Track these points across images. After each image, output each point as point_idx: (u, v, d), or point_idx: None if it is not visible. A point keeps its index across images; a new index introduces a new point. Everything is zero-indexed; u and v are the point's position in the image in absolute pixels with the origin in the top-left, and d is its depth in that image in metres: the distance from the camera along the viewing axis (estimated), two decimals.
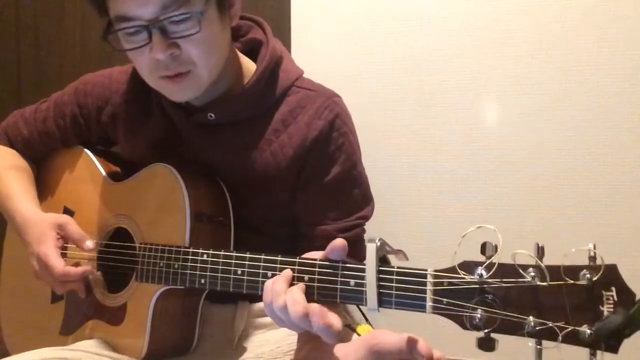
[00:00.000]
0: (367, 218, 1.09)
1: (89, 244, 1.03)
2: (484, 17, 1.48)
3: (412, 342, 0.75)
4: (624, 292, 0.60)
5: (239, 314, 1.06)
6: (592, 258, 0.62)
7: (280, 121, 1.04)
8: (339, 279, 0.76)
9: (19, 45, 2.07)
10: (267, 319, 1.05)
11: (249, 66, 1.05)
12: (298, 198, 1.05)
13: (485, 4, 1.48)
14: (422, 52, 1.52)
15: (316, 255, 0.80)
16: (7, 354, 1.20)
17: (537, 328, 0.62)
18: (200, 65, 0.93)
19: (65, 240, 1.04)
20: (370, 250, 0.72)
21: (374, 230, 1.14)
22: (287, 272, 0.79)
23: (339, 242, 0.77)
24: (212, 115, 1.02)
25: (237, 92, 1.02)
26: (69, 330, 1.10)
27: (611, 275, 0.61)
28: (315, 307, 0.74)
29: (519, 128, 1.48)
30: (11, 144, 1.20)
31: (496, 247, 0.66)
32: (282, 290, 0.77)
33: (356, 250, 1.08)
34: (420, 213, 1.55)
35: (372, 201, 1.10)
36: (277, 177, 1.03)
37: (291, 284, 0.78)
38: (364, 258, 1.10)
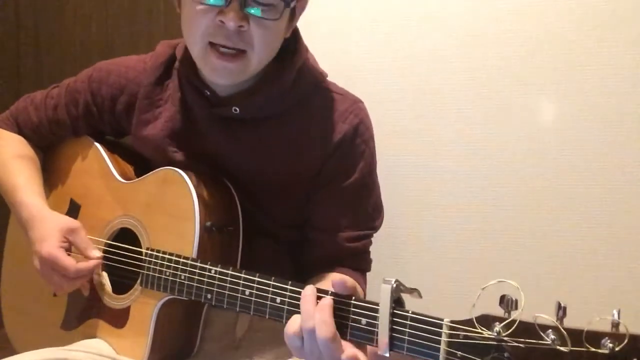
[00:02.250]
0: (376, 229, 1.08)
1: (96, 253, 1.02)
2: (484, 17, 1.48)
3: None
4: None
5: (241, 316, 1.06)
6: (616, 325, 0.59)
7: (303, 121, 1.03)
8: (350, 315, 0.74)
9: (19, 45, 2.07)
10: (268, 322, 1.04)
11: (274, 63, 1.04)
12: (312, 200, 1.04)
13: (485, 4, 1.47)
14: (422, 52, 1.52)
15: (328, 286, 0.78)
16: (10, 347, 1.20)
17: None
18: (256, 51, 0.93)
19: (70, 245, 1.03)
20: (385, 291, 0.70)
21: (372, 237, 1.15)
22: (312, 289, 0.76)
23: (339, 278, 0.75)
24: (237, 109, 1.01)
25: (264, 88, 1.02)
26: (70, 326, 1.10)
27: (635, 345, 0.58)
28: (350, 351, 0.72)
29: (519, 128, 1.48)
30: (20, 130, 1.18)
31: (517, 302, 0.63)
32: (312, 312, 0.73)
33: (361, 260, 1.08)
34: (420, 213, 1.55)
35: (383, 212, 1.10)
36: (296, 177, 1.03)
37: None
38: (367, 270, 1.10)
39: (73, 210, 1.14)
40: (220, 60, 0.93)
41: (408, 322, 0.69)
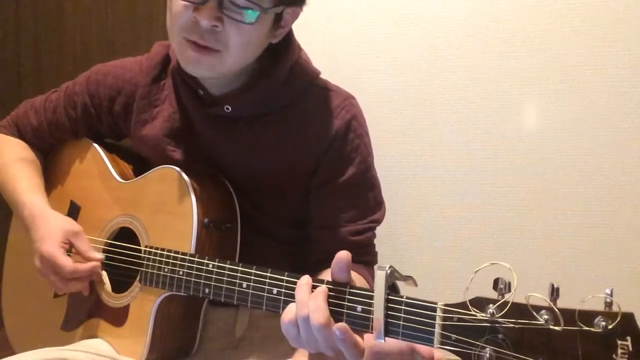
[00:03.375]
0: (378, 222, 1.08)
1: (96, 255, 1.03)
2: (484, 17, 1.48)
3: (412, 344, 0.75)
4: None
5: (240, 315, 1.06)
6: (609, 304, 0.59)
7: (296, 119, 1.03)
8: (346, 303, 0.74)
9: (19, 45, 2.07)
10: (268, 321, 1.05)
11: (266, 61, 1.04)
12: (311, 199, 1.04)
13: (486, 4, 1.48)
14: (422, 52, 1.52)
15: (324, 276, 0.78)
16: (10, 347, 1.20)
17: None
18: (231, 53, 0.93)
19: (70, 247, 1.04)
20: (380, 277, 0.70)
21: (376, 230, 1.15)
22: (308, 279, 0.76)
23: (345, 254, 0.75)
24: (229, 107, 1.01)
25: (256, 86, 1.02)
26: (70, 326, 1.10)
27: (627, 324, 0.58)
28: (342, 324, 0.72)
29: (519, 128, 1.48)
30: (21, 135, 1.19)
31: (510, 285, 0.63)
32: (306, 300, 0.73)
33: (366, 253, 1.08)
34: (420, 213, 1.55)
35: (383, 205, 1.10)
36: (291, 175, 1.03)
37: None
38: (374, 262, 1.10)
39: (73, 211, 1.14)
40: (195, 52, 0.93)
41: (403, 307, 0.70)
